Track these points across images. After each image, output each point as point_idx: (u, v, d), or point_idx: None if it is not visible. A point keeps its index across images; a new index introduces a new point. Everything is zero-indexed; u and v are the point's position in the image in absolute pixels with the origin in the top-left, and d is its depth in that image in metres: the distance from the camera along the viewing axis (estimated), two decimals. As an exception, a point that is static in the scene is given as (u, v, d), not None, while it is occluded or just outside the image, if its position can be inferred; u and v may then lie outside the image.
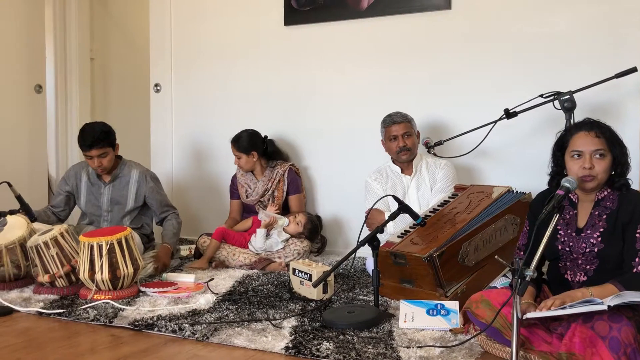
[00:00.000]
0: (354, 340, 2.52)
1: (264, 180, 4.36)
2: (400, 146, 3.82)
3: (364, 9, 4.39)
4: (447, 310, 2.75)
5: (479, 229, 3.19)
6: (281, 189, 4.35)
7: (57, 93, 5.53)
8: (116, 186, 4.05)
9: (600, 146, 2.41)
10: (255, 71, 4.83)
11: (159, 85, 5.20)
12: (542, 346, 2.33)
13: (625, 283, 2.28)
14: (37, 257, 3.30)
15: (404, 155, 3.85)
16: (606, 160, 2.42)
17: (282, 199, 4.34)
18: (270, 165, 4.41)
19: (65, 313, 2.94)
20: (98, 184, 4.05)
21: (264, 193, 4.35)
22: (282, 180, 4.36)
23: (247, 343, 2.50)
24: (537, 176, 3.13)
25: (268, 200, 4.34)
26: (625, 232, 2.39)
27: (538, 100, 3.59)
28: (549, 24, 3.90)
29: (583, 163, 2.42)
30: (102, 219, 4.05)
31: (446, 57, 4.19)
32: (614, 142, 2.44)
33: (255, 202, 4.38)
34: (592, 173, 2.41)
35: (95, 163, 3.91)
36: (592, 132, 2.44)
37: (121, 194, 4.05)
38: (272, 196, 4.35)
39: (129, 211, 4.06)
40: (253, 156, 4.33)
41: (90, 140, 3.85)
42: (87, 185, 4.06)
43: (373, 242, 3.00)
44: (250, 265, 3.93)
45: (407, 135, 3.83)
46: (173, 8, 5.13)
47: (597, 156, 2.41)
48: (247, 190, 4.41)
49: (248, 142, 4.31)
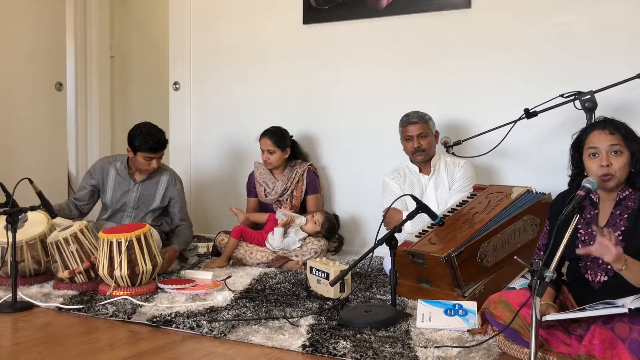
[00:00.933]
0: (371, 339, 2.52)
1: (283, 180, 4.36)
2: (415, 147, 3.81)
3: (382, 8, 4.38)
4: (465, 311, 2.73)
5: (498, 230, 3.17)
6: (300, 188, 4.35)
7: (77, 91, 5.58)
8: (146, 185, 4.07)
9: (616, 141, 2.39)
10: (273, 70, 4.83)
11: (178, 83, 5.22)
12: (560, 348, 2.31)
13: None
14: (57, 253, 3.33)
15: (419, 156, 3.84)
16: (623, 156, 2.39)
17: (300, 198, 4.34)
18: (290, 165, 4.41)
19: (84, 309, 2.96)
20: (128, 181, 4.05)
21: (283, 192, 4.35)
22: (302, 180, 4.36)
23: (265, 341, 2.51)
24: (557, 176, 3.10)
25: (287, 200, 4.34)
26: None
27: (559, 100, 3.56)
28: (570, 23, 3.87)
29: (600, 161, 2.39)
30: (126, 214, 4.07)
31: (465, 56, 4.17)
32: (630, 138, 2.41)
33: (274, 201, 4.38)
34: (610, 171, 2.38)
35: (154, 164, 3.97)
36: (606, 129, 2.42)
37: (149, 194, 4.07)
38: (291, 196, 4.35)
39: (152, 210, 4.08)
40: (286, 153, 4.33)
41: (160, 144, 3.94)
42: (116, 180, 4.06)
43: (391, 242, 2.99)
44: (267, 264, 3.94)
45: (423, 136, 3.81)
46: (192, 7, 5.15)
47: (613, 153, 2.39)
48: (265, 189, 4.41)
49: (285, 138, 4.33)
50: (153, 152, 3.91)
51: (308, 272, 3.40)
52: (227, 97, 5.04)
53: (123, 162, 4.08)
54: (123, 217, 4.06)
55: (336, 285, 3.12)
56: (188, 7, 5.16)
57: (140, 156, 3.93)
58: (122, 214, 4.07)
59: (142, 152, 3.91)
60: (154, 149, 3.91)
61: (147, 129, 3.93)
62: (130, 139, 3.94)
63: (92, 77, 5.68)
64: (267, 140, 4.29)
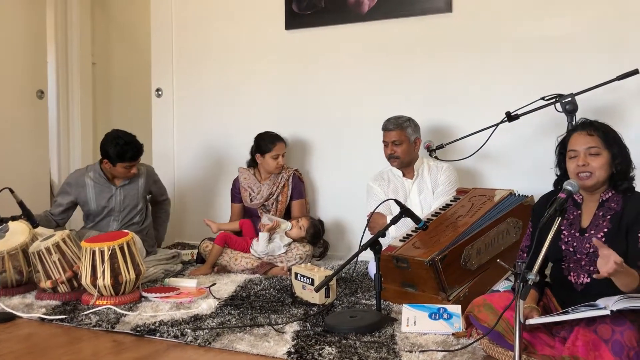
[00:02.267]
0: (357, 344, 2.51)
1: (268, 184, 4.36)
2: (389, 154, 3.85)
3: (365, 13, 4.39)
4: (450, 314, 2.74)
5: (481, 233, 3.18)
6: (285, 193, 4.35)
7: (59, 98, 5.53)
8: (128, 187, 4.10)
9: (593, 144, 2.42)
10: (256, 76, 4.83)
11: (161, 89, 5.20)
12: (544, 350, 2.32)
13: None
14: (39, 263, 3.30)
15: (393, 163, 3.88)
16: (601, 157, 2.42)
17: (285, 203, 4.34)
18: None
19: (67, 319, 2.94)
20: (108, 187, 4.05)
21: (269, 197, 4.34)
22: (287, 185, 4.36)
23: (249, 348, 2.50)
24: (539, 179, 3.13)
25: (272, 205, 4.34)
26: (628, 233, 2.38)
27: (540, 102, 3.58)
28: (551, 26, 3.90)
29: (577, 161, 2.43)
30: (113, 219, 4.08)
31: (448, 60, 4.19)
32: (609, 140, 2.43)
33: (259, 206, 4.37)
34: (587, 169, 2.40)
35: (133, 171, 4.02)
36: (584, 130, 2.46)
37: (132, 194, 4.11)
38: (277, 200, 4.34)
39: (139, 210, 4.14)
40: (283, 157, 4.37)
41: (137, 154, 3.98)
42: (95, 189, 4.04)
43: (375, 246, 3.00)
44: (252, 270, 3.92)
45: (397, 143, 3.82)
46: (174, 12, 5.14)
47: (591, 154, 2.42)
48: (250, 194, 4.40)
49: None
50: (131, 161, 3.95)
51: (293, 278, 3.39)
52: (210, 103, 5.03)
53: (96, 170, 4.08)
54: (110, 222, 4.07)
55: (321, 291, 3.12)
56: (170, 13, 5.14)
57: (120, 166, 3.95)
58: (109, 219, 4.08)
59: (122, 163, 3.93)
60: (134, 157, 3.95)
61: (123, 139, 3.94)
62: (105, 151, 3.95)
63: (73, 84, 5.64)
64: (283, 145, 4.34)
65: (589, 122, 2.50)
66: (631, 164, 2.47)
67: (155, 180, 4.31)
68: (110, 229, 4.01)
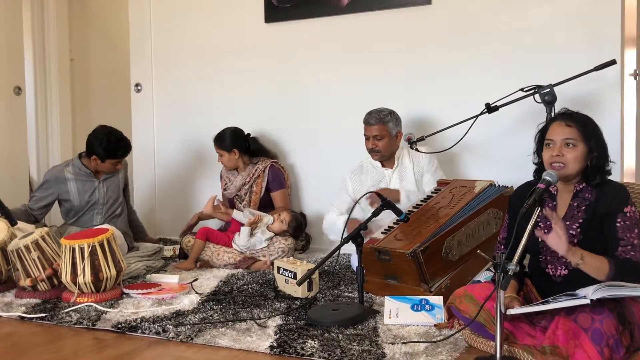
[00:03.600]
0: (339, 337, 2.52)
1: (243, 175, 4.38)
2: (369, 148, 3.86)
3: (344, 5, 4.38)
4: (432, 306, 2.75)
5: (462, 224, 3.19)
6: (259, 184, 4.35)
7: (37, 94, 5.46)
8: (110, 179, 4.15)
9: (570, 135, 2.40)
10: (237, 69, 4.81)
11: (140, 85, 5.16)
12: (525, 340, 2.34)
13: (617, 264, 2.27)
14: (19, 261, 3.26)
15: (374, 157, 3.90)
16: (577, 150, 2.40)
17: (260, 194, 4.34)
18: (252, 162, 4.41)
19: (47, 317, 2.91)
20: (91, 180, 4.07)
21: (241, 187, 4.37)
22: (262, 176, 4.36)
23: (232, 343, 2.49)
24: (519, 170, 3.14)
25: (245, 195, 4.36)
26: (603, 223, 2.39)
27: (519, 94, 3.59)
28: (529, 17, 3.91)
29: (552, 151, 2.42)
30: (96, 212, 4.10)
31: (427, 53, 4.20)
32: (587, 133, 2.42)
33: (232, 196, 4.42)
34: (561, 160, 2.40)
35: (119, 167, 4.09)
36: (563, 121, 2.44)
37: (114, 186, 4.17)
38: (250, 191, 4.35)
39: (120, 202, 4.20)
40: (234, 154, 4.34)
41: (127, 151, 4.07)
42: (77, 184, 4.03)
43: (357, 239, 3.00)
44: (234, 265, 3.91)
45: (378, 138, 3.83)
46: (152, 7, 5.10)
47: (567, 145, 2.41)
48: (226, 183, 4.46)
49: (229, 139, 4.33)
50: (121, 157, 4.03)
51: (276, 272, 3.38)
52: (190, 97, 5.00)
53: (75, 165, 4.07)
54: (94, 216, 4.08)
55: (304, 285, 3.12)
56: (148, 7, 5.10)
57: (109, 163, 4.00)
58: (92, 213, 4.09)
59: (112, 160, 3.98)
60: (125, 154, 4.05)
61: (114, 136, 3.98)
62: (95, 148, 3.95)
63: (51, 80, 5.57)
64: (214, 144, 4.39)
65: (569, 113, 2.49)
66: (608, 159, 2.45)
67: (127, 175, 4.39)
68: (95, 223, 4.01)
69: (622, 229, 2.34)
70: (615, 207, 2.38)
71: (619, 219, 2.36)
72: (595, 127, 2.47)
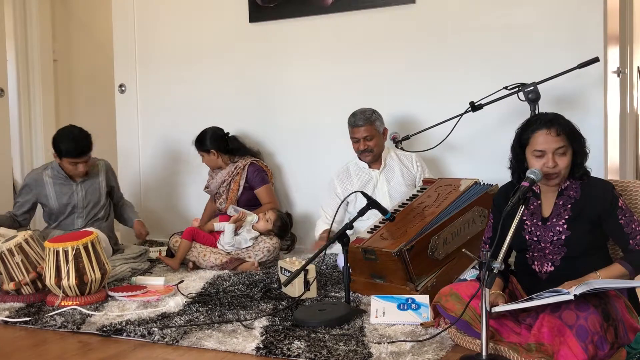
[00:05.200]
0: (325, 338, 2.51)
1: (223, 173, 4.41)
2: (362, 149, 3.86)
3: (328, 5, 4.37)
4: (418, 305, 2.75)
5: (448, 222, 3.20)
6: (237, 182, 4.34)
7: (20, 96, 5.40)
8: (88, 182, 4.06)
9: (562, 143, 2.42)
10: (221, 69, 4.79)
11: (124, 85, 5.13)
12: (511, 337, 2.35)
13: (630, 260, 2.37)
14: (2, 265, 3.23)
15: (366, 158, 3.90)
16: (568, 155, 2.43)
17: (237, 192, 4.34)
18: (232, 161, 4.42)
19: (32, 321, 2.88)
20: (69, 183, 4.01)
21: (221, 184, 4.39)
22: (241, 173, 4.35)
23: (218, 345, 2.48)
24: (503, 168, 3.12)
25: (223, 192, 4.37)
26: (603, 222, 2.42)
27: (503, 92, 3.61)
28: (512, 16, 3.93)
29: (547, 162, 2.42)
30: (77, 216, 4.03)
31: (411, 51, 4.20)
32: (574, 136, 2.44)
33: (213, 193, 4.47)
34: (555, 171, 2.42)
35: (80, 168, 3.94)
36: (552, 130, 2.42)
37: (94, 188, 4.07)
38: (228, 188, 4.36)
39: (102, 205, 4.10)
40: (214, 154, 4.37)
41: (80, 149, 3.89)
42: (55, 187, 3.99)
43: (343, 239, 2.99)
44: (221, 266, 3.90)
45: (369, 138, 3.84)
46: (136, 7, 5.06)
47: (559, 154, 2.42)
48: (209, 180, 4.51)
49: (208, 141, 4.37)
50: (77, 157, 3.89)
51: (279, 272, 3.37)
52: (174, 98, 4.98)
53: (54, 167, 4.02)
54: (75, 220, 4.02)
55: (300, 285, 3.11)
56: (132, 8, 5.07)
57: (65, 162, 3.91)
58: (72, 217, 4.02)
59: (67, 158, 3.89)
60: (76, 154, 3.88)
61: (72, 134, 3.90)
62: (54, 146, 3.92)
63: (35, 81, 5.51)
64: (195, 146, 4.44)
65: (555, 120, 2.45)
66: (587, 154, 2.49)
67: (114, 176, 4.28)
68: (76, 227, 3.95)
69: (625, 224, 2.41)
70: (610, 206, 2.42)
71: (619, 216, 2.41)
72: (573, 126, 2.48)
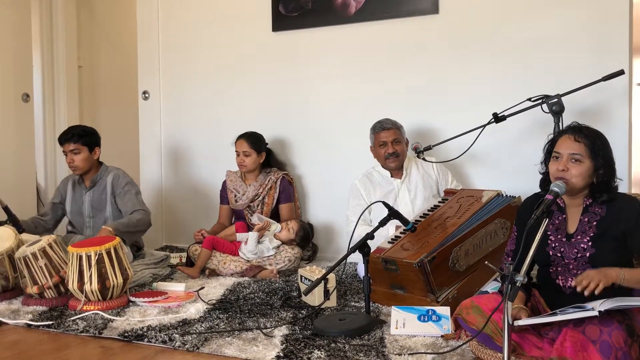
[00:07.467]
0: (345, 348, 2.51)
1: (255, 185, 4.35)
2: (389, 152, 3.84)
3: (351, 15, 4.38)
4: (439, 316, 2.74)
5: (470, 234, 3.18)
6: (272, 195, 4.33)
7: (45, 102, 5.49)
8: (95, 192, 4.08)
9: (578, 150, 2.39)
10: (244, 78, 4.81)
11: (147, 92, 5.18)
12: (533, 351, 2.32)
13: None
14: (26, 269, 3.27)
15: (393, 163, 3.87)
16: (582, 166, 2.39)
17: (271, 206, 4.32)
18: (264, 172, 4.40)
19: (54, 325, 2.91)
20: (80, 191, 4.09)
21: (254, 198, 4.33)
22: (274, 187, 4.34)
23: (238, 353, 2.48)
24: (526, 180, 3.13)
25: (257, 206, 4.33)
26: (629, 238, 2.37)
27: (526, 104, 3.59)
28: (537, 27, 3.91)
29: (558, 164, 2.42)
30: (85, 225, 4.08)
31: (434, 62, 4.20)
32: (596, 150, 2.40)
33: (244, 207, 4.36)
34: (565, 175, 2.40)
35: (67, 158, 4.01)
36: (573, 135, 2.42)
37: (100, 199, 4.07)
38: (262, 202, 4.33)
39: (108, 216, 4.06)
40: (261, 157, 4.34)
41: (65, 136, 3.99)
42: (72, 193, 4.09)
43: (363, 249, 2.99)
44: (241, 273, 3.91)
45: (396, 142, 3.84)
46: (160, 15, 5.11)
47: (573, 160, 2.40)
48: (236, 195, 4.39)
49: (261, 141, 4.35)
50: (62, 143, 3.99)
51: (299, 281, 3.38)
52: (197, 105, 5.01)
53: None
54: (84, 228, 4.09)
55: (320, 293, 3.11)
56: (156, 16, 5.12)
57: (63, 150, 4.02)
58: (82, 225, 4.11)
59: (61, 146, 4.01)
60: (61, 140, 3.99)
61: (73, 126, 4.09)
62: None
63: (59, 87, 5.60)
64: (244, 142, 4.30)
65: (580, 127, 2.46)
66: (614, 176, 2.44)
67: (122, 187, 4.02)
68: (86, 234, 4.01)
69: None
70: (636, 222, 2.37)
71: None
72: (604, 143, 2.44)
